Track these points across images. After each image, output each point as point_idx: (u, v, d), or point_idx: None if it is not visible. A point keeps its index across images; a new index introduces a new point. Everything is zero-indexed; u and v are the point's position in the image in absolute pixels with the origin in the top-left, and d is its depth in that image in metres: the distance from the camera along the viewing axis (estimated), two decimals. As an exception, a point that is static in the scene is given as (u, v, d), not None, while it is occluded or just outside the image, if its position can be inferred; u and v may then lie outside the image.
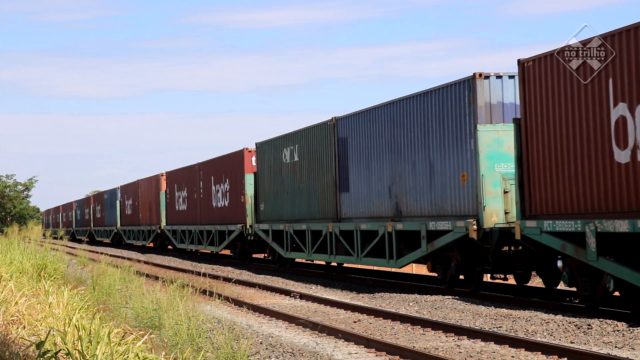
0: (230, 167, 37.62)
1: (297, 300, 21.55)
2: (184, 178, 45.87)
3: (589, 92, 16.14)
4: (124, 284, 19.16)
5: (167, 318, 13.21)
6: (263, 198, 33.42)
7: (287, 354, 13.31)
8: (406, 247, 23.01)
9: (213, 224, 39.37)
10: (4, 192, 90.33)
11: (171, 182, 48.71)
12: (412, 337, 14.79)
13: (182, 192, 45.92)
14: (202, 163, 42.29)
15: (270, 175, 32.61)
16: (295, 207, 30.14)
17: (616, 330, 14.41)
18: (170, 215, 48.62)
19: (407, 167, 22.72)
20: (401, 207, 23.07)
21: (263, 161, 33.57)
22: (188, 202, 44.60)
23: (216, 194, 39.54)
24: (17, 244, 27.99)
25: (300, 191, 29.75)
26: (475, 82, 19.98)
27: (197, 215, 42.62)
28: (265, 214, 33.19)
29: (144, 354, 9.63)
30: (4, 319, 13.22)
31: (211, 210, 40.21)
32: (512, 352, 12.95)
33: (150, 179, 53.94)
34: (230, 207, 37.25)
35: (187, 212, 44.86)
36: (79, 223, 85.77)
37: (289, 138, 30.90)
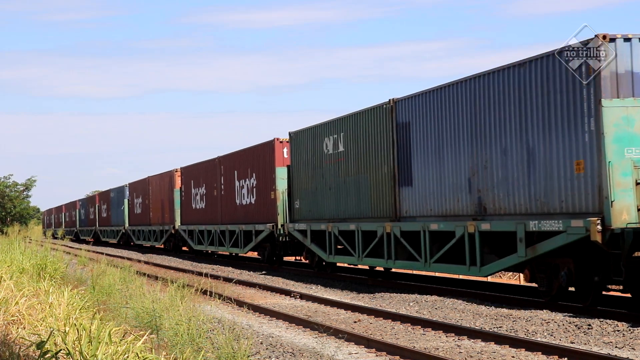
0: (257, 160, 34.10)
1: (297, 300, 21.55)
2: (201, 173, 42.16)
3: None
4: (124, 284, 19.16)
5: (168, 318, 13.21)
6: (299, 194, 29.73)
7: (288, 354, 13.31)
8: (491, 251, 19.59)
9: (237, 224, 36.05)
10: (4, 192, 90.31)
11: (187, 179, 45.02)
12: (412, 337, 14.79)
13: (199, 188, 42.26)
14: (224, 156, 38.62)
15: (308, 168, 28.90)
16: (341, 204, 26.51)
17: (616, 331, 14.41)
18: (185, 214, 45.09)
19: (495, 155, 19.10)
20: (485, 203, 19.50)
21: (298, 153, 29.74)
22: (207, 200, 41.05)
23: (240, 191, 36.09)
24: (18, 244, 27.98)
25: (346, 186, 26.06)
26: (597, 46, 16.24)
27: (218, 214, 39.15)
28: (302, 212, 29.53)
29: (144, 354, 9.63)
30: (4, 319, 13.22)
31: (234, 209, 36.76)
32: (513, 352, 12.95)
33: (162, 175, 50.33)
34: (258, 205, 33.95)
35: (205, 210, 41.29)
36: (83, 223, 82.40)
37: (332, 126, 27.09)
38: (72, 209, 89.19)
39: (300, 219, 29.67)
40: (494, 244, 19.52)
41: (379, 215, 24.12)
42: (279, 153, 32.19)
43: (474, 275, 20.28)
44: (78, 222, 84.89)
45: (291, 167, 30.47)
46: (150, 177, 53.25)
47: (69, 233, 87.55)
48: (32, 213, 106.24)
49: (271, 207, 32.31)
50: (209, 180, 40.65)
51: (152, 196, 52.46)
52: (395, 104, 23.13)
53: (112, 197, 66.32)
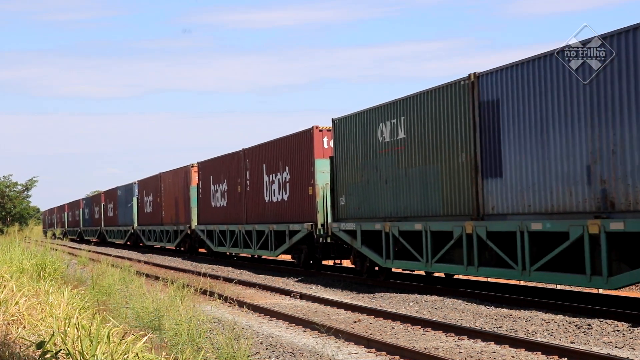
0: (291, 152, 30.45)
1: (297, 300, 21.55)
2: (222, 168, 38.30)
3: None
4: (124, 284, 19.17)
5: (168, 318, 13.22)
6: (345, 190, 25.92)
7: (288, 354, 13.32)
8: (620, 258, 15.99)
9: (266, 223, 32.42)
10: (4, 192, 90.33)
11: (205, 174, 41.03)
12: (412, 337, 14.79)
13: (220, 184, 38.53)
14: (250, 149, 34.81)
15: (357, 159, 25.16)
16: (400, 200, 22.70)
17: (616, 330, 14.41)
18: (203, 213, 41.18)
19: (630, 136, 15.42)
20: (613, 196, 15.80)
21: (345, 142, 25.97)
22: (229, 197, 37.28)
23: (270, 186, 32.37)
24: (18, 244, 27.97)
25: (408, 179, 22.31)
26: None
27: (242, 212, 35.47)
28: (349, 210, 25.74)
29: (144, 354, 9.63)
30: (4, 319, 13.22)
31: (263, 206, 33.16)
32: (513, 352, 12.95)
33: (176, 171, 46.86)
34: (292, 202, 30.28)
35: (227, 209, 37.61)
36: (87, 222, 78.78)
37: (389, 109, 23.25)
38: (76, 208, 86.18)
39: (346, 218, 25.94)
40: (623, 248, 15.94)
41: (455, 212, 20.53)
42: (318, 143, 28.65)
43: (598, 287, 16.54)
44: (82, 221, 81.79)
45: (335, 159, 26.70)
46: (163, 173, 50.04)
47: (72, 233, 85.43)
48: (32, 213, 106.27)
49: (309, 205, 28.82)
50: (232, 175, 36.97)
51: (165, 194, 49.25)
52: (478, 79, 19.50)
53: (119, 195, 62.95)
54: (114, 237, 64.87)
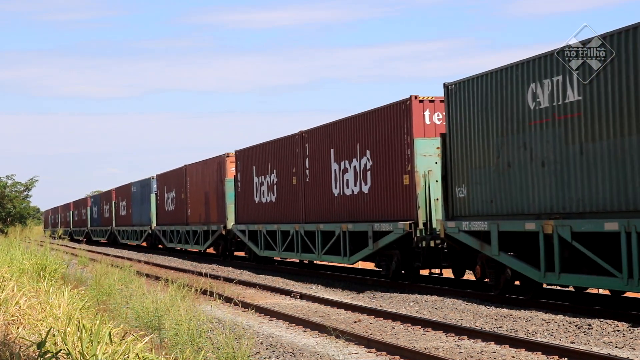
0: (374, 131, 24.33)
1: (297, 300, 21.55)
2: (271, 156, 32.41)
3: None
4: (125, 284, 19.17)
5: (168, 318, 13.22)
6: (466, 177, 19.98)
7: (288, 354, 13.32)
8: None
9: (336, 222, 26.48)
10: (4, 192, 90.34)
11: (246, 164, 35.06)
12: (412, 337, 14.79)
13: (266, 176, 32.57)
14: (311, 131, 28.87)
15: (488, 135, 19.06)
16: (571, 188, 16.76)
17: (616, 331, 14.41)
18: (243, 210, 35.23)
19: None
20: None
21: (466, 114, 19.91)
22: (279, 191, 31.47)
23: (342, 176, 26.38)
24: (18, 244, 27.98)
25: (587, 158, 16.31)
26: None
27: (299, 208, 29.58)
28: (473, 203, 19.76)
29: (144, 354, 9.63)
30: (5, 319, 13.22)
31: (331, 201, 27.19)
32: (513, 352, 12.95)
33: (207, 162, 41.13)
34: (376, 195, 24.24)
35: (277, 204, 31.73)
36: (95, 222, 72.92)
37: (543, 63, 17.36)
38: (82, 206, 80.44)
39: (469, 215, 19.91)
40: None
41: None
42: (418, 118, 22.52)
43: None
44: (89, 221, 75.98)
45: (449, 137, 20.69)
46: (189, 165, 44.24)
47: (78, 233, 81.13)
48: (32, 213, 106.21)
49: (404, 198, 22.66)
50: (284, 164, 31.03)
51: (191, 189, 43.44)
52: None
53: (134, 192, 56.75)
54: (128, 238, 59.46)
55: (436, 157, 21.86)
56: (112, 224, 64.89)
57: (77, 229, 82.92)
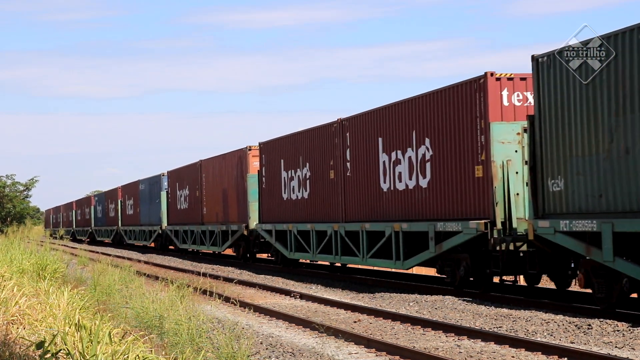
0: (436, 116, 21.22)
1: (297, 300, 21.55)
2: (302, 148, 29.40)
3: None
4: (124, 284, 19.17)
5: (168, 318, 13.22)
6: (563, 166, 16.89)
7: (288, 354, 13.32)
8: None
9: (386, 221, 23.36)
10: (4, 192, 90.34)
11: (271, 158, 31.97)
12: (412, 337, 14.79)
13: (297, 170, 29.66)
14: (352, 118, 25.75)
15: (597, 116, 15.86)
16: None
17: (616, 330, 14.41)
18: (269, 208, 32.14)
19: None
20: None
21: (563, 91, 16.74)
22: (313, 186, 28.45)
23: (392, 168, 23.26)
24: (18, 243, 27.98)
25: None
26: None
27: (338, 206, 26.53)
28: (573, 198, 16.69)
29: (144, 354, 9.63)
30: (4, 319, 13.22)
31: (379, 197, 24.02)
32: (513, 352, 12.95)
33: (225, 157, 38.10)
34: (439, 189, 21.14)
35: (310, 201, 28.73)
36: (100, 222, 70.49)
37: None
38: (86, 205, 77.85)
39: (567, 212, 16.80)
40: None
41: None
42: (494, 98, 19.51)
43: None
44: (93, 220, 73.35)
45: (539, 119, 17.52)
46: (205, 160, 41.33)
47: (81, 233, 78.72)
48: (32, 213, 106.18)
49: (477, 192, 19.66)
50: (319, 156, 28.07)
51: (208, 186, 40.58)
52: None
53: (142, 189, 53.93)
54: (135, 239, 56.55)
55: (516, 144, 19.17)
56: (117, 223, 62.34)
57: (80, 229, 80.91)
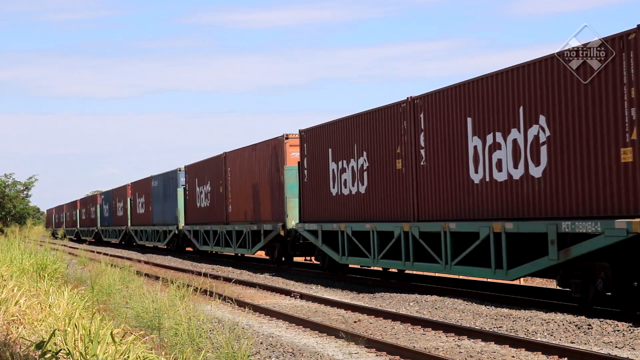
0: (547, 90, 17.05)
1: (297, 300, 21.54)
2: (356, 136, 24.98)
3: None
4: (124, 284, 19.17)
5: (168, 318, 13.22)
6: None
7: (288, 354, 13.32)
8: None
9: (480, 220, 19.28)
10: (4, 192, 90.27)
11: (315, 147, 27.74)
12: (412, 337, 14.79)
13: (349, 161, 25.41)
14: (428, 96, 21.25)
15: None
16: None
17: (616, 330, 14.41)
18: (313, 204, 27.83)
19: None
20: None
21: None
22: (373, 179, 24.00)
23: (485, 156, 19.05)
24: (18, 243, 27.97)
25: None
26: None
27: (409, 202, 22.13)
28: None
29: (144, 354, 9.63)
30: (4, 319, 13.22)
31: (468, 191, 19.78)
32: (513, 352, 12.95)
33: (256, 147, 33.65)
34: (555, 180, 17.06)
35: (368, 197, 24.32)
36: (106, 221, 66.92)
37: None
38: (91, 204, 74.52)
39: None
40: None
41: None
42: None
43: None
44: (99, 220, 69.86)
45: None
46: (230, 152, 37.06)
47: (86, 234, 76.50)
48: (32, 213, 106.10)
49: (624, 182, 15.36)
50: (379, 143, 23.76)
51: (234, 180, 36.39)
52: None
53: (155, 186, 49.97)
54: (147, 240, 52.44)
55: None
56: (127, 223, 58.50)
57: (85, 229, 77.84)
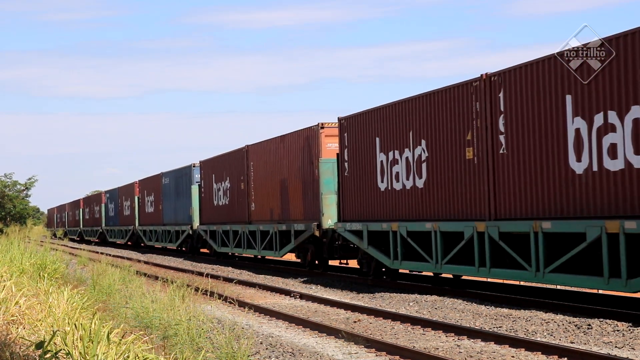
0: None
1: (297, 300, 21.55)
2: (411, 122, 21.50)
3: None
4: (124, 284, 19.17)
5: (167, 318, 13.22)
6: None
7: (287, 354, 13.32)
8: None
9: (586, 218, 15.88)
10: (4, 192, 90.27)
11: (359, 137, 24.39)
12: (412, 337, 14.79)
13: (402, 151, 22.03)
14: (510, 71, 17.84)
15: None
16: None
17: (616, 330, 14.42)
18: (354, 201, 24.74)
19: None
20: None
21: None
22: (432, 172, 20.67)
23: (593, 139, 15.71)
24: (18, 243, 27.97)
25: None
26: None
27: (483, 196, 18.88)
28: None
29: (144, 354, 9.63)
30: (4, 319, 13.22)
31: (569, 183, 16.40)
32: (512, 352, 12.95)
33: (284, 139, 30.47)
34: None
35: (426, 192, 20.99)
36: (112, 221, 64.27)
37: None
38: (95, 203, 71.61)
39: None
40: None
41: None
42: None
43: None
44: (104, 219, 67.09)
45: None
46: (253, 145, 33.72)
47: (89, 234, 74.56)
48: (31, 213, 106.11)
49: None
50: (443, 129, 20.18)
51: (257, 176, 33.26)
52: None
53: (166, 184, 47.34)
54: (157, 240, 49.72)
55: None
56: (134, 223, 55.51)
57: (88, 229, 75.21)
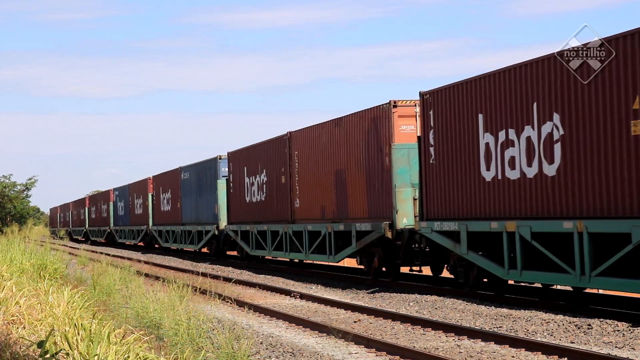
0: None
1: (297, 300, 21.54)
2: (534, 92, 17.11)
3: None
4: (124, 284, 19.17)
5: (167, 318, 13.22)
6: None
7: (288, 354, 13.32)
8: None
9: None
10: (4, 192, 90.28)
11: (450, 114, 20.18)
12: (412, 337, 14.79)
13: (519, 130, 17.68)
14: None
15: None
16: None
17: (616, 330, 14.41)
18: (442, 195, 20.61)
19: None
20: None
21: None
22: (569, 154, 16.31)
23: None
24: (18, 243, 27.97)
25: None
26: None
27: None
28: None
29: (144, 354, 9.63)
30: (4, 319, 13.21)
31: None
32: (513, 352, 12.95)
33: (342, 121, 25.65)
34: None
35: (554, 181, 16.81)
36: (121, 220, 59.85)
37: None
38: (102, 201, 67.40)
39: None
40: None
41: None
42: None
43: None
44: (112, 219, 62.91)
45: None
46: (297, 132, 29.27)
47: (96, 234, 70.75)
48: (32, 213, 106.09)
49: None
50: (586, 98, 15.85)
51: (303, 167, 28.72)
52: None
53: (185, 179, 43.06)
54: (175, 241, 45.11)
55: None
56: (147, 222, 51.32)
57: (95, 229, 70.81)
